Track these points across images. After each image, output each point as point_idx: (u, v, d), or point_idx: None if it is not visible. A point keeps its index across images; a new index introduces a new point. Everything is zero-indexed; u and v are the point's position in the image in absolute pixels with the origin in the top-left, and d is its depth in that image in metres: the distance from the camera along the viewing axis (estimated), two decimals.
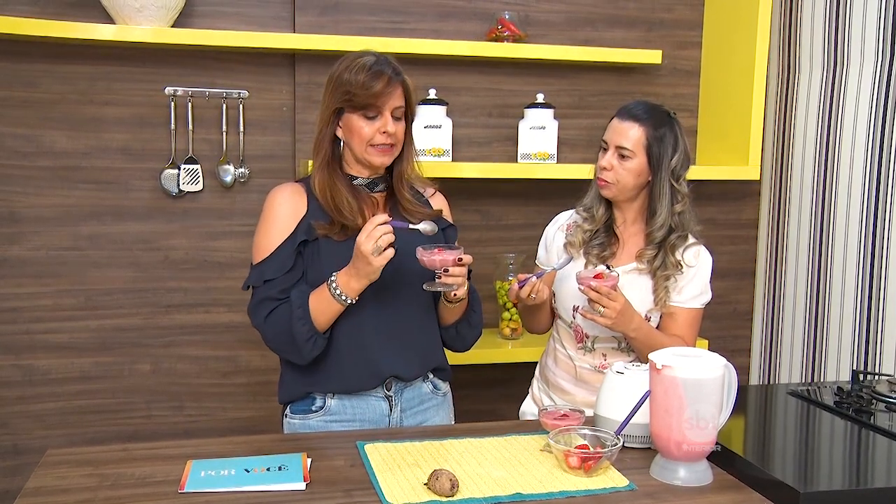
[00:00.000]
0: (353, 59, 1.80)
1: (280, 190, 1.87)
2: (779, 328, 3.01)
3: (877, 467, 1.58)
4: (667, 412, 1.46)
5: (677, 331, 2.00)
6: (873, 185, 2.55)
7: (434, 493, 1.40)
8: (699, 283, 2.01)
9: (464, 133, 2.88)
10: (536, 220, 2.70)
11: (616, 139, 1.96)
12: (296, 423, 1.86)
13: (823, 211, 2.76)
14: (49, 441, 2.67)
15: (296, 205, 1.83)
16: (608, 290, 1.85)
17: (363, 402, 1.84)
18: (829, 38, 2.73)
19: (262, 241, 1.82)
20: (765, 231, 3.11)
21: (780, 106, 2.99)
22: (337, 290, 1.73)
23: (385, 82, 1.76)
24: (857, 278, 2.60)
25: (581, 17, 2.95)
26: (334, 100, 1.79)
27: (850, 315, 2.64)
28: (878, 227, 2.53)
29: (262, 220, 1.86)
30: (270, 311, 1.77)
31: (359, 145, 1.80)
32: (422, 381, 1.91)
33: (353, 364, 1.81)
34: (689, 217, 2.00)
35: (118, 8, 2.46)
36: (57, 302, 2.68)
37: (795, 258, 2.91)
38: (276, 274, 1.78)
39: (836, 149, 2.70)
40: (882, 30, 2.51)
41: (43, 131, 2.62)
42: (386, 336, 1.82)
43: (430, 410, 1.93)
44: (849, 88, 2.64)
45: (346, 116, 1.80)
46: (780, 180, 3.00)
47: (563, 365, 2.09)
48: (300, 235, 1.80)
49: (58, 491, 1.43)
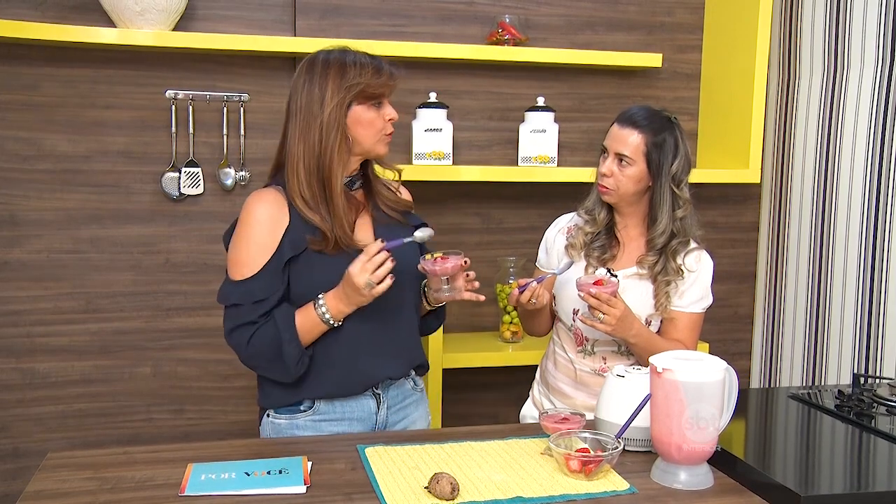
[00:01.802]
0: (342, 55, 1.76)
1: (261, 198, 1.77)
2: (779, 331, 3.01)
3: (877, 471, 1.58)
4: (667, 415, 1.46)
5: (678, 335, 1.99)
6: (873, 189, 2.55)
7: (435, 496, 1.40)
8: (700, 288, 2.01)
9: (464, 136, 2.88)
10: (537, 223, 2.70)
11: (615, 146, 1.96)
12: (282, 424, 1.82)
13: (824, 214, 2.76)
14: (49, 444, 2.67)
15: (278, 216, 1.74)
16: (608, 296, 1.84)
17: (353, 401, 1.82)
18: (829, 43, 2.74)
19: (244, 256, 1.74)
20: (765, 234, 3.11)
21: (780, 109, 2.99)
22: (326, 315, 1.71)
23: (388, 73, 1.77)
24: (858, 281, 2.60)
25: (581, 21, 2.96)
26: (343, 95, 1.73)
27: (850, 318, 2.64)
28: (879, 230, 2.53)
29: (241, 231, 1.76)
30: (252, 333, 1.72)
31: (373, 136, 1.77)
32: (404, 378, 1.91)
33: (344, 372, 1.78)
34: (690, 222, 1.99)
35: (119, 11, 2.47)
36: (58, 305, 2.68)
37: (796, 261, 2.91)
38: (266, 294, 1.72)
39: (836, 153, 2.70)
40: (882, 34, 2.52)
41: (44, 135, 2.62)
42: (376, 342, 1.80)
43: (411, 406, 1.93)
44: (849, 92, 2.65)
45: (353, 110, 1.75)
46: (780, 184, 3.00)
47: (563, 368, 2.09)
48: (287, 251, 1.73)
49: (58, 494, 1.43)
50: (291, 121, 1.77)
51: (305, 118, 1.74)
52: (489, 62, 2.83)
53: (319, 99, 1.73)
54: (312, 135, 1.74)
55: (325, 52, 1.79)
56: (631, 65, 2.89)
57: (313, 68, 1.76)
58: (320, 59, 1.77)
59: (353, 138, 1.77)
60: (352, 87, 1.73)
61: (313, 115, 1.73)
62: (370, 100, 1.76)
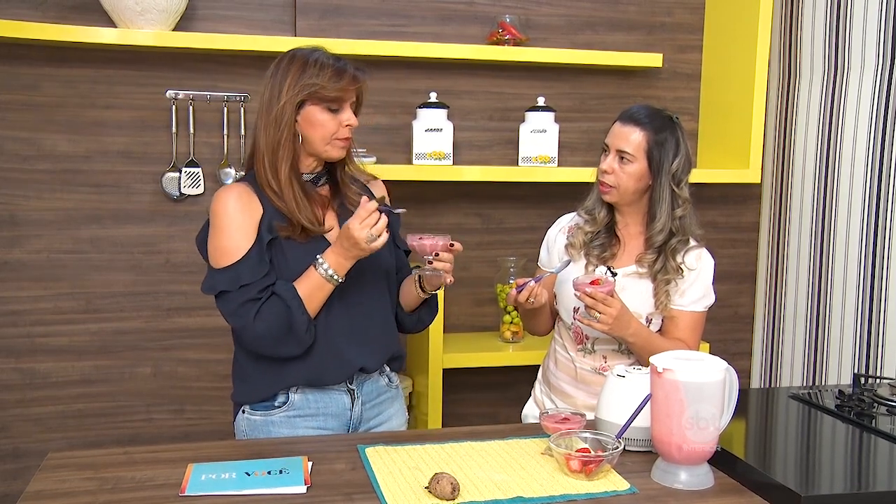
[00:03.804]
0: (309, 54, 1.78)
1: (229, 192, 1.79)
2: (780, 331, 3.01)
3: (878, 471, 1.58)
4: (668, 415, 1.46)
5: (680, 334, 1.99)
6: (874, 189, 2.55)
7: (435, 496, 1.40)
8: (701, 287, 2.01)
9: (465, 136, 2.88)
10: (537, 223, 2.70)
11: (617, 143, 1.97)
12: (257, 420, 1.82)
13: (824, 214, 2.76)
14: (49, 444, 2.67)
15: (250, 204, 1.77)
16: (604, 295, 1.85)
17: (326, 397, 1.83)
18: (829, 44, 2.73)
19: (225, 244, 1.75)
20: (765, 234, 3.11)
21: (780, 109, 2.99)
22: (329, 271, 1.73)
23: (351, 78, 1.78)
24: (858, 282, 2.60)
25: (582, 21, 2.96)
26: (296, 93, 1.75)
27: (851, 318, 2.64)
28: (879, 230, 2.53)
29: (217, 224, 1.78)
30: (257, 310, 1.73)
31: (322, 139, 1.79)
32: (378, 374, 1.92)
33: (322, 357, 1.80)
34: (689, 221, 2.00)
35: (120, 11, 2.47)
36: (57, 305, 2.68)
37: (796, 261, 2.91)
38: (254, 277, 1.73)
39: (836, 152, 2.70)
40: (882, 36, 2.52)
41: (44, 135, 2.62)
42: (352, 328, 1.83)
43: (386, 402, 1.94)
44: (849, 94, 2.65)
45: (307, 110, 1.77)
46: (780, 184, 3.00)
47: (563, 367, 2.10)
48: (266, 235, 1.76)
49: (58, 495, 1.43)
50: (259, 114, 1.81)
51: (267, 110, 1.79)
52: (489, 62, 2.83)
53: (277, 93, 1.77)
54: (270, 127, 1.78)
55: (298, 48, 1.81)
56: (631, 65, 2.89)
57: (281, 62, 1.80)
58: (289, 55, 1.80)
59: (303, 137, 1.80)
60: (306, 87, 1.75)
61: (272, 108, 1.77)
62: (325, 102, 1.77)
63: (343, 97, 1.78)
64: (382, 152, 2.76)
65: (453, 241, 1.82)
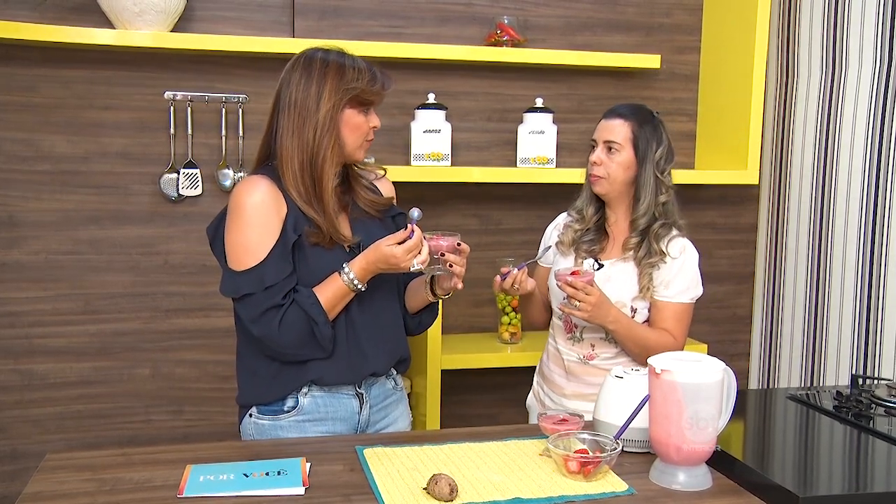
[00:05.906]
0: (339, 57, 1.77)
1: (256, 185, 1.73)
2: (778, 332, 3.02)
3: (876, 472, 1.58)
4: (666, 417, 1.46)
5: (664, 325, 2.02)
6: (871, 189, 2.55)
7: (433, 497, 1.40)
8: (686, 278, 2.03)
9: (463, 137, 2.89)
10: (535, 224, 2.70)
11: (604, 135, 2.06)
12: (265, 424, 1.81)
13: (822, 215, 2.76)
14: (48, 446, 2.66)
15: (277, 200, 1.73)
16: (584, 284, 1.91)
17: (335, 401, 1.83)
18: (827, 43, 2.74)
19: (246, 240, 1.70)
20: (764, 235, 3.12)
21: (778, 110, 2.99)
22: (354, 281, 1.72)
23: (385, 80, 1.80)
24: (856, 283, 2.60)
25: (580, 22, 2.96)
26: (340, 97, 1.74)
27: (849, 319, 2.64)
28: (877, 230, 2.53)
29: (241, 218, 1.71)
30: (281, 318, 1.70)
31: (356, 140, 1.79)
32: (385, 377, 1.92)
33: (341, 358, 1.79)
34: (672, 208, 2.07)
35: (118, 12, 2.47)
36: (56, 306, 2.68)
37: (794, 262, 2.91)
38: (278, 277, 1.70)
39: (834, 154, 2.71)
40: (879, 38, 2.52)
41: (42, 136, 2.62)
42: (365, 331, 1.82)
43: (392, 405, 1.94)
44: (847, 93, 2.65)
45: (345, 113, 1.76)
46: (778, 185, 3.00)
47: (553, 358, 2.16)
48: (291, 235, 1.72)
49: (56, 496, 1.43)
50: (283, 114, 1.76)
51: (300, 114, 1.74)
52: (488, 63, 2.83)
53: (316, 97, 1.73)
54: (307, 133, 1.74)
55: (322, 50, 1.79)
56: (629, 66, 2.89)
57: (311, 65, 1.76)
58: (319, 58, 1.77)
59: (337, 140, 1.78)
60: (349, 91, 1.74)
61: (309, 112, 1.73)
62: (361, 105, 1.78)
63: (376, 100, 1.80)
64: (381, 153, 2.76)
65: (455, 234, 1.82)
